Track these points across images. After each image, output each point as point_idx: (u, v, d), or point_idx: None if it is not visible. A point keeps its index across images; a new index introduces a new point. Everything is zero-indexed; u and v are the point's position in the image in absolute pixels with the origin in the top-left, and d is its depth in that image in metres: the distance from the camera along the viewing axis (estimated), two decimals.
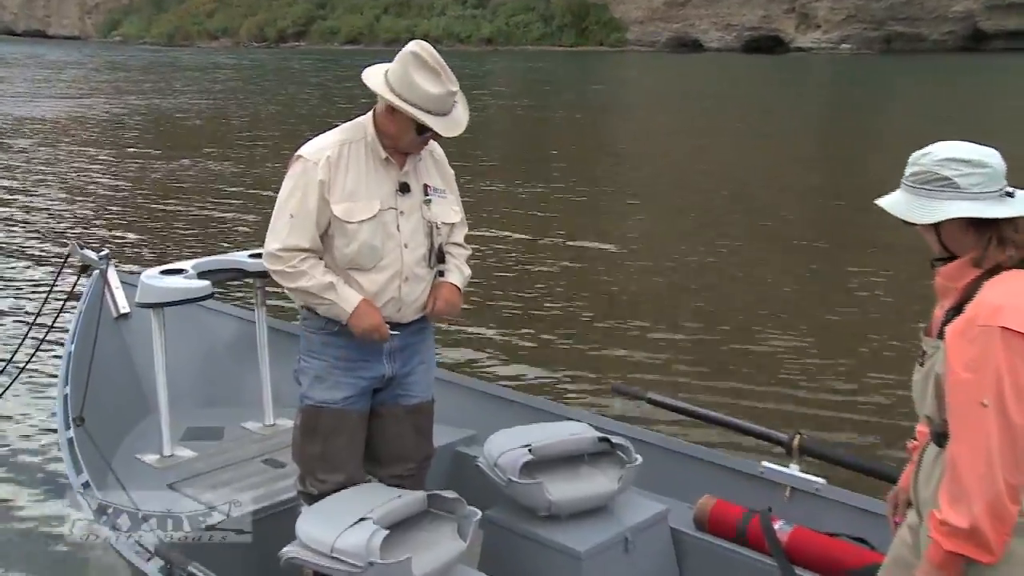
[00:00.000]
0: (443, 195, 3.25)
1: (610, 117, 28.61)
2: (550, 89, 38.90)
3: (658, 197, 14.81)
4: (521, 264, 10.56)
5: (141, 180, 16.74)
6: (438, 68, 3.00)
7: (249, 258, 4.34)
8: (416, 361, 3.29)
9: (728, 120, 26.67)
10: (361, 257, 3.09)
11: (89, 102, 32.20)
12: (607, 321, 8.61)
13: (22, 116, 27.45)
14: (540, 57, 68.70)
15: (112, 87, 39.82)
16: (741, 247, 11.31)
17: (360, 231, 3.07)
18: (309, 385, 3.23)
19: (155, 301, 3.99)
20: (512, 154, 20.25)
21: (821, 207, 14.18)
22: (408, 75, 3.00)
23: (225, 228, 12.53)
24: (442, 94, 2.99)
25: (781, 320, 8.57)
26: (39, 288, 9.39)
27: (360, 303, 3.09)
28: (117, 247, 11.14)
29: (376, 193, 3.11)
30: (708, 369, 7.34)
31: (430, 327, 3.36)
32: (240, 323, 4.91)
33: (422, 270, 3.19)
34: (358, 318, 3.08)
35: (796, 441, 3.67)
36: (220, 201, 14.46)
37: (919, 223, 2.25)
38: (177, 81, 43.90)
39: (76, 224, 13.00)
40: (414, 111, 3.00)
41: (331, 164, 3.08)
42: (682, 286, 9.75)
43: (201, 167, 17.99)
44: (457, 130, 3.06)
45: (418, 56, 3.01)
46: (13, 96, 34.74)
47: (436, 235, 3.20)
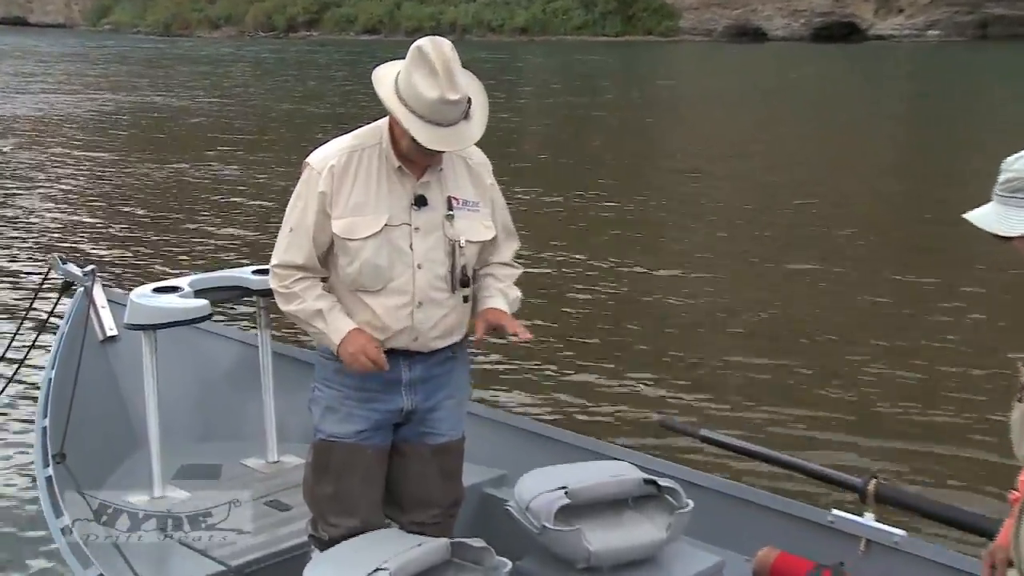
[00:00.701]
0: (473, 209, 3.22)
1: (661, 117, 28.61)
2: (593, 85, 38.92)
3: (715, 208, 14.79)
4: (557, 283, 10.59)
5: (133, 186, 16.95)
6: (439, 70, 2.95)
7: (253, 274, 4.37)
8: (442, 395, 3.29)
9: (797, 120, 26.61)
10: (365, 278, 3.11)
11: (76, 98, 32.63)
12: (655, 347, 8.60)
13: (0, 114, 27.84)
14: (581, 48, 68.75)
15: (102, 81, 40.35)
16: (809, 265, 11.26)
17: (363, 249, 3.08)
18: (321, 417, 3.26)
19: (146, 322, 4.03)
20: (549, 159, 20.30)
21: (904, 219, 14.11)
22: (409, 74, 3.00)
23: (226, 241, 12.65)
24: (437, 100, 2.95)
25: (855, 347, 8.53)
26: (15, 308, 9.52)
27: (349, 333, 3.10)
28: (104, 262, 11.26)
29: (385, 207, 3.11)
30: (769, 403, 7.31)
31: (462, 357, 3.34)
32: (241, 347, 4.95)
33: (440, 294, 3.17)
34: (345, 347, 3.09)
35: (872, 486, 3.64)
36: (221, 211, 14.61)
37: (1011, 236, 2.24)
38: (175, 75, 44.38)
39: (58, 236, 13.17)
40: (402, 113, 2.99)
41: (335, 174, 3.10)
42: (740, 309, 9.72)
43: (201, 172, 18.20)
44: (451, 146, 3.04)
45: (423, 54, 2.98)
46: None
47: (459, 255, 3.17)
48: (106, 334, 4.79)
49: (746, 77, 42.68)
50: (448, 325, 3.21)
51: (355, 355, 3.09)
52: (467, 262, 3.20)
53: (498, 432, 4.43)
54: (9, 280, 10.85)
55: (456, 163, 3.24)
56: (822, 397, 7.43)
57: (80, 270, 4.84)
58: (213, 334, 5.01)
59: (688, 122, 27.49)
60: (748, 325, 9.25)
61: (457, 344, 3.28)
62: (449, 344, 3.25)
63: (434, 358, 3.24)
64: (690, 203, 15.05)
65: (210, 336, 4.98)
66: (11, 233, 13.35)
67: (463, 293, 3.22)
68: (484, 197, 3.28)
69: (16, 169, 18.75)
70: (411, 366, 3.21)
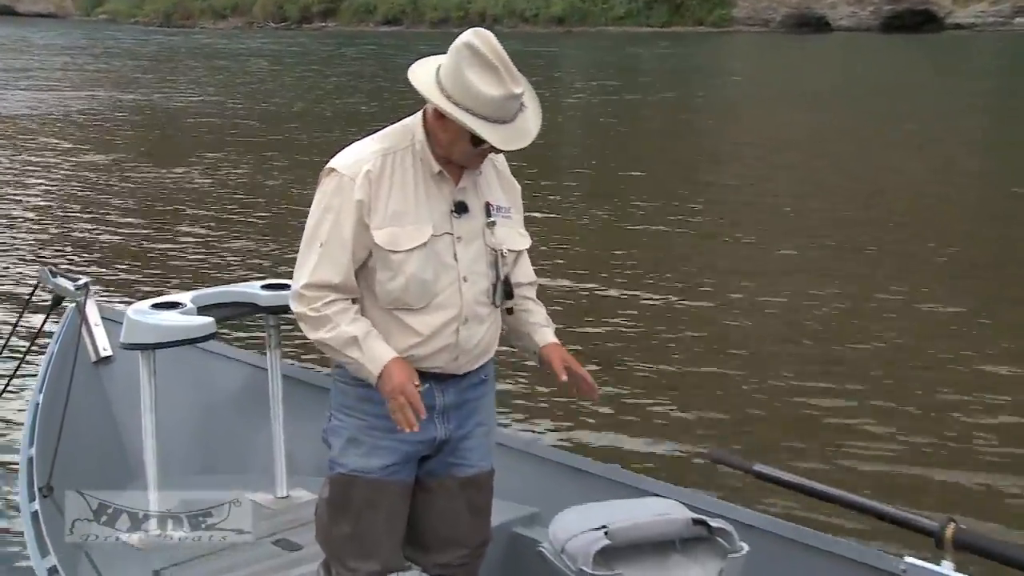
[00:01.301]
0: (507, 215, 3.27)
1: (713, 116, 28.53)
2: (636, 81, 38.91)
3: (773, 218, 14.74)
4: (594, 300, 10.59)
5: (131, 192, 17.08)
6: (498, 64, 2.99)
7: (262, 290, 4.40)
8: (474, 422, 3.31)
9: (866, 120, 26.39)
10: (409, 295, 3.11)
11: (69, 95, 32.93)
12: (703, 372, 8.58)
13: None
14: (624, 40, 68.68)
15: (98, 77, 40.72)
16: (879, 281, 11.20)
17: (407, 262, 3.08)
18: (341, 449, 3.25)
19: (144, 341, 4.05)
20: (586, 164, 20.32)
21: (991, 233, 13.94)
22: (461, 73, 3.00)
23: (233, 253, 12.73)
24: (502, 97, 2.99)
25: (931, 372, 8.49)
26: (1, 325, 9.59)
27: (389, 364, 3.08)
28: (98, 274, 11.35)
29: (427, 215, 3.12)
30: (831, 434, 7.28)
31: (491, 380, 3.38)
32: (249, 370, 4.97)
33: (484, 308, 3.21)
34: (387, 380, 3.07)
35: (949, 531, 3.61)
36: (227, 220, 14.70)
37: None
38: (177, 69, 44.72)
39: (48, 246, 13.29)
40: (466, 118, 3.00)
41: (371, 180, 3.09)
42: (799, 330, 9.68)
43: (205, 177, 18.31)
44: (522, 142, 3.07)
45: (474, 49, 3.00)
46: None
47: (502, 265, 3.22)
48: (100, 354, 4.83)
49: (809, 72, 42.51)
50: (487, 343, 3.26)
51: (393, 394, 3.06)
52: (509, 272, 3.25)
53: (529, 465, 4.42)
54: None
55: (486, 166, 3.27)
56: (892, 428, 7.39)
57: (72, 284, 4.89)
58: (217, 355, 5.04)
59: (744, 122, 27.38)
60: (808, 348, 9.22)
61: (487, 364, 3.33)
62: (482, 364, 3.29)
63: (467, 380, 3.27)
64: (745, 213, 15.01)
65: (214, 357, 5.01)
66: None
67: (506, 306, 3.27)
68: (515, 202, 3.34)
69: (2, 173, 18.94)
70: (444, 391, 3.22)
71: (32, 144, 22.62)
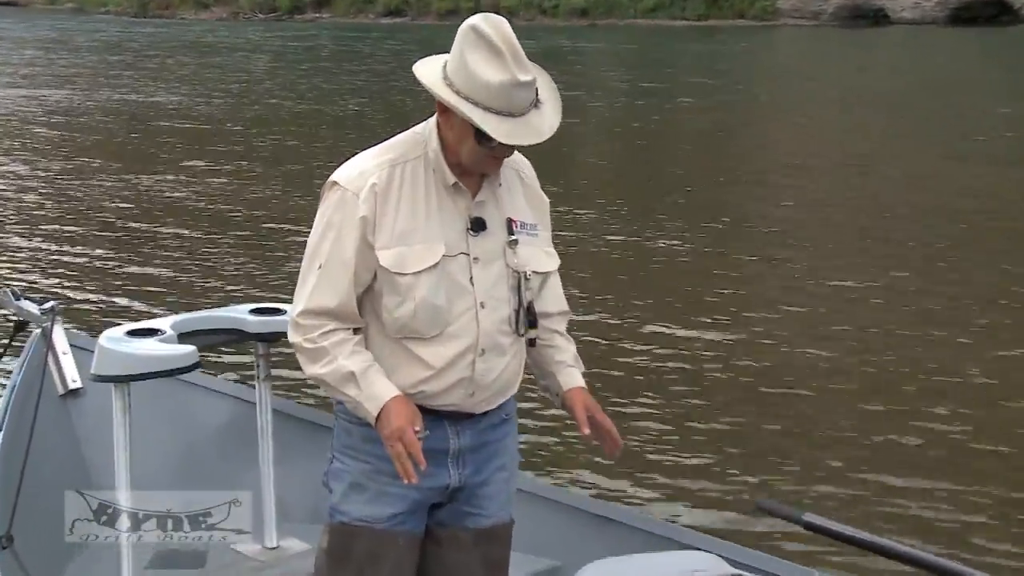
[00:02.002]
0: (533, 232, 3.25)
1: (756, 121, 28.47)
2: (669, 80, 38.71)
3: (822, 237, 14.68)
4: (620, 330, 10.57)
5: (103, 204, 17.07)
6: (502, 47, 2.97)
7: (251, 315, 4.42)
8: (493, 467, 3.31)
9: (932, 126, 26.24)
10: (419, 322, 3.10)
11: (32, 94, 32.99)
12: (744, 410, 8.57)
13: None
14: (655, 35, 68.71)
15: (64, 74, 40.77)
16: (945, 309, 11.18)
17: (416, 286, 3.08)
18: (343, 495, 3.25)
19: (118, 373, 4.06)
20: (612, 176, 20.30)
21: None
22: (463, 57, 3.01)
23: (217, 273, 12.73)
24: (505, 84, 2.96)
25: (1006, 410, 8.47)
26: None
27: (388, 403, 3.07)
28: (67, 297, 11.35)
29: (439, 233, 3.11)
30: (889, 480, 7.27)
31: (512, 419, 3.38)
32: (235, 404, 4.98)
33: (506, 338, 3.20)
34: (385, 423, 3.07)
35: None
36: (211, 236, 14.69)
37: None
38: (153, 66, 44.74)
39: (10, 264, 13.29)
40: (464, 106, 2.99)
41: (377, 194, 3.09)
42: (858, 367, 9.64)
43: (187, 187, 18.28)
44: (530, 138, 3.04)
45: (479, 31, 3.01)
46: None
47: (525, 289, 3.20)
48: (68, 386, 4.84)
49: (866, 71, 42.14)
50: (508, 377, 3.25)
51: (390, 440, 3.05)
52: (533, 297, 3.24)
53: (550, 513, 4.42)
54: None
55: (510, 177, 3.27)
56: (957, 473, 7.37)
57: (37, 307, 4.90)
58: (200, 387, 5.04)
59: (792, 129, 27.15)
60: (862, 383, 9.19)
61: (509, 401, 3.32)
62: (504, 402, 3.28)
63: (486, 420, 3.26)
64: (791, 233, 14.93)
65: (196, 390, 5.01)
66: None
67: (529, 336, 3.25)
68: (543, 218, 3.32)
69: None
70: (459, 431, 3.22)
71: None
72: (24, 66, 44.12)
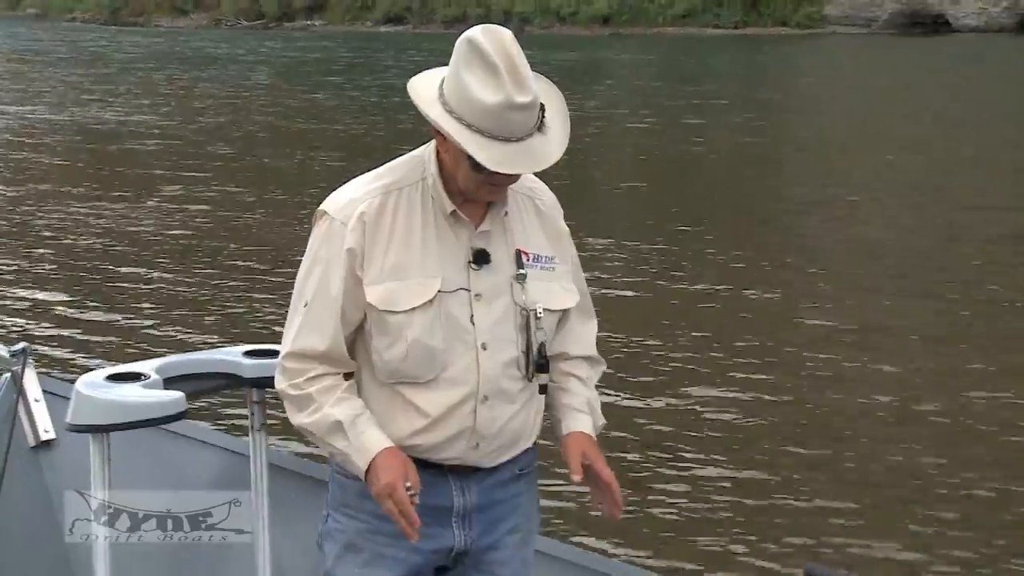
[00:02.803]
0: (548, 266, 3.23)
1: (804, 142, 28.22)
2: (703, 96, 38.53)
3: (878, 275, 14.62)
4: (653, 377, 10.59)
5: (76, 235, 17.06)
6: (499, 63, 2.93)
7: (245, 357, 4.41)
8: (504, 528, 3.29)
9: (1008, 149, 26.01)
10: (411, 365, 3.09)
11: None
12: (791, 466, 8.59)
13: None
14: (686, 44, 68.54)
15: (27, 89, 40.91)
16: (1020, 358, 11.15)
17: (409, 325, 3.07)
18: (337, 557, 3.26)
19: (96, 422, 4.04)
20: (639, 202, 20.26)
21: None
22: (457, 73, 2.99)
23: (207, 311, 12.72)
24: (500, 104, 2.92)
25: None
26: None
27: (379, 456, 3.07)
28: (39, 338, 11.36)
29: (436, 266, 3.10)
30: (948, 543, 7.25)
31: (530, 475, 3.36)
32: (226, 457, 4.95)
33: (512, 383, 3.17)
34: (373, 478, 3.06)
35: None
36: (197, 269, 14.68)
37: None
38: (126, 78, 44.87)
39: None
40: (452, 127, 2.97)
41: (366, 224, 3.09)
42: (916, 413, 9.66)
43: (169, 215, 18.29)
44: (525, 166, 3.02)
45: (474, 44, 2.97)
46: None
47: (535, 329, 3.17)
48: (40, 437, 4.83)
49: (927, 85, 41.93)
50: (518, 427, 3.21)
51: (380, 498, 3.04)
52: (546, 338, 3.19)
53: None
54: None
55: (523, 205, 3.25)
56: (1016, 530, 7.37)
57: (6, 349, 4.91)
58: (188, 438, 5.01)
59: (844, 148, 26.76)
60: (919, 434, 9.20)
61: (525, 454, 3.29)
62: (516, 455, 3.26)
63: (495, 476, 3.24)
64: (841, 263, 14.93)
65: (184, 441, 4.98)
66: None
67: (540, 381, 3.21)
68: (561, 250, 3.29)
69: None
70: (465, 488, 3.21)
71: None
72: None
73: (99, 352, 11.09)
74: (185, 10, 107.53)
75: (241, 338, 10.12)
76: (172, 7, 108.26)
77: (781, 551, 7.18)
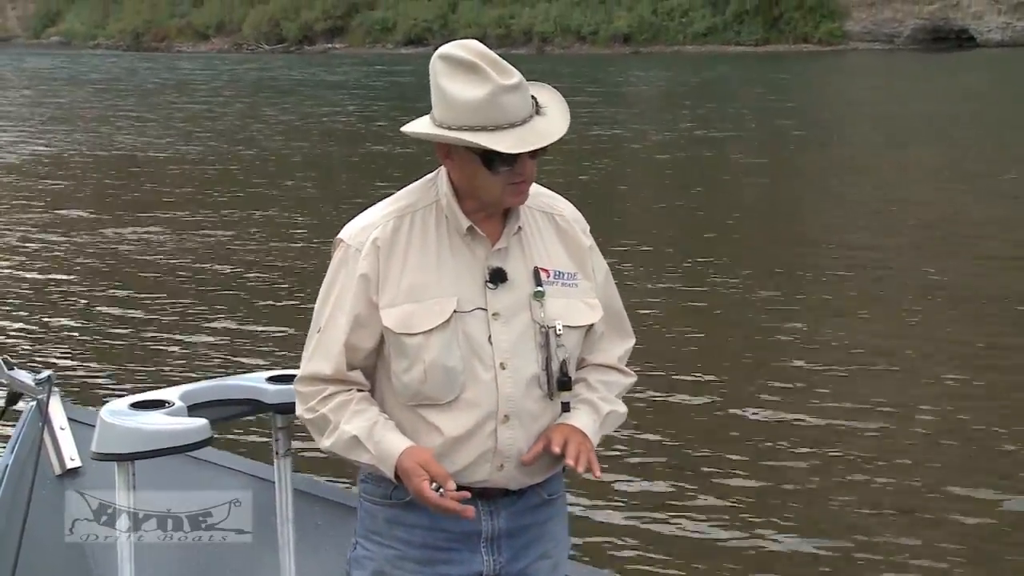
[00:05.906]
0: (570, 283, 3.24)
1: (830, 164, 27.92)
2: (725, 116, 38.53)
3: (914, 302, 14.37)
4: (679, 398, 10.52)
5: (101, 262, 17.06)
6: (476, 60, 3.03)
7: (269, 383, 4.42)
8: (535, 553, 3.29)
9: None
10: (431, 387, 3.12)
11: (17, 138, 33.20)
12: (824, 496, 8.51)
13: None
14: (707, 62, 68.57)
15: (53, 115, 41.10)
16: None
17: (426, 347, 3.10)
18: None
19: (121, 450, 4.06)
20: (660, 229, 20.09)
21: None
22: (441, 90, 3.06)
23: (230, 338, 12.70)
24: (492, 92, 3.00)
25: None
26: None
27: (404, 452, 3.09)
28: (64, 366, 11.35)
29: (452, 286, 3.14)
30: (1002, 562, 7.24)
31: (558, 502, 3.36)
32: (251, 483, 4.96)
33: (535, 403, 3.19)
34: (405, 481, 3.09)
35: None
36: (223, 296, 14.69)
37: None
38: (149, 103, 45.09)
39: (1, 332, 13.28)
40: (454, 132, 3.03)
41: (380, 249, 3.14)
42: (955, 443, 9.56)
43: (194, 241, 18.26)
44: (539, 140, 3.07)
45: (444, 55, 3.07)
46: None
47: (556, 346, 3.18)
48: (65, 466, 4.85)
49: (953, 103, 41.66)
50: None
51: (417, 495, 3.05)
52: (568, 355, 3.20)
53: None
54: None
55: (540, 221, 3.27)
56: None
57: (32, 377, 4.92)
58: (213, 464, 5.03)
59: (870, 174, 26.24)
60: (961, 464, 9.12)
61: (552, 480, 3.29)
62: (545, 478, 3.25)
63: (524, 500, 3.25)
64: (870, 292, 14.77)
65: (209, 468, 4.99)
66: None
67: (563, 399, 3.21)
68: (584, 266, 3.30)
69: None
70: (494, 512, 3.21)
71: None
72: (9, 105, 44.47)
73: (123, 379, 11.09)
74: (206, 35, 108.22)
75: (264, 363, 10.16)
76: (194, 32, 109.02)
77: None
